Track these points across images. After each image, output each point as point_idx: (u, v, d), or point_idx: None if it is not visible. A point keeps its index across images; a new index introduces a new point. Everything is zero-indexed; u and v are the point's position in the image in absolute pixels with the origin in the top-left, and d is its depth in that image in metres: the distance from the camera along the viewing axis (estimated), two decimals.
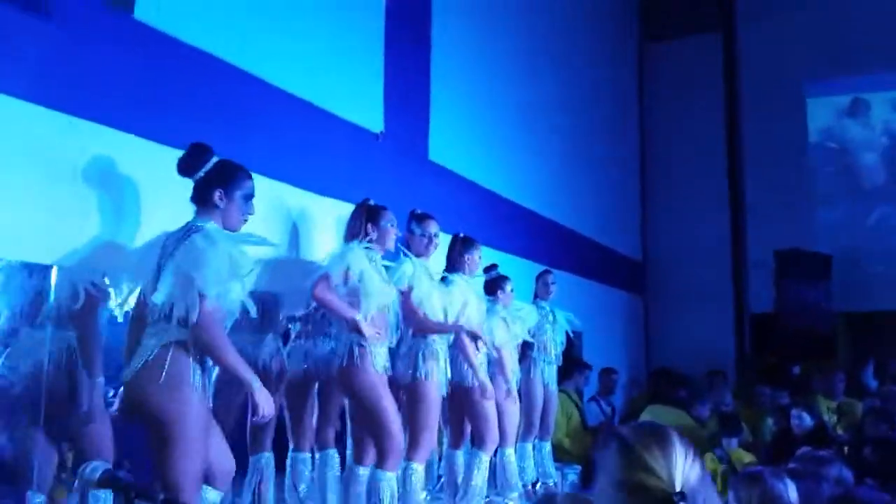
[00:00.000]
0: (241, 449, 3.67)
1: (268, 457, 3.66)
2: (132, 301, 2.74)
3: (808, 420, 5.12)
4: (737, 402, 7.05)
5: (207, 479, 2.50)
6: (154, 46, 3.26)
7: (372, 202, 3.59)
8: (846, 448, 4.59)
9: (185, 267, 2.42)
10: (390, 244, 3.55)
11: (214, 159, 2.67)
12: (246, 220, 2.71)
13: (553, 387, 5.22)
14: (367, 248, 3.41)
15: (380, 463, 3.33)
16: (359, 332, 3.22)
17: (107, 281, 2.85)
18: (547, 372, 5.14)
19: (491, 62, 6.42)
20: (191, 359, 2.43)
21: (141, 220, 3.03)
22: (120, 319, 2.84)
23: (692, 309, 9.48)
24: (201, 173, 2.63)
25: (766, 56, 9.82)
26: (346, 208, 3.77)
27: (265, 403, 2.48)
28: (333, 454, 3.82)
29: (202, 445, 2.40)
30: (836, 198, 9.80)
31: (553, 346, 5.16)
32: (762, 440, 5.94)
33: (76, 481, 2.69)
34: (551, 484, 5.08)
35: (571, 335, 5.41)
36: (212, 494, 2.55)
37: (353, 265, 3.29)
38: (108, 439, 2.94)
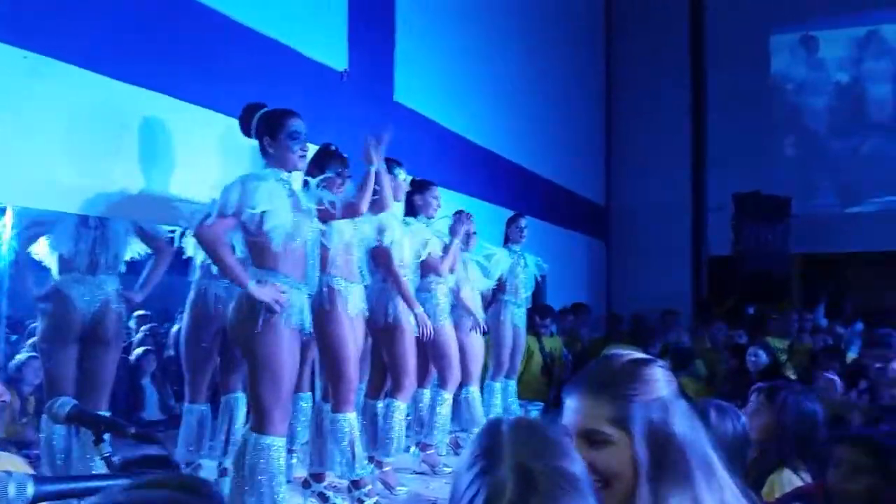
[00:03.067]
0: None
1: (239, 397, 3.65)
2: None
3: (763, 358, 5.30)
4: (694, 341, 7.25)
5: None
6: None
7: (332, 147, 3.51)
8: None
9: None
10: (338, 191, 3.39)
11: (259, 113, 2.93)
12: (301, 157, 2.94)
13: (522, 328, 5.32)
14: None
15: (335, 405, 3.36)
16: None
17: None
18: (517, 314, 5.22)
19: (457, 3, 6.28)
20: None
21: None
22: None
23: (653, 253, 9.66)
24: (253, 129, 2.94)
25: (731, 3, 9.81)
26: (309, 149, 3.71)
27: (268, 296, 2.74)
28: (307, 397, 3.84)
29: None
30: (796, 140, 9.96)
31: (523, 289, 5.22)
32: (719, 377, 6.14)
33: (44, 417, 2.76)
34: None
35: (539, 279, 5.47)
36: None
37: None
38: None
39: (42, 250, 3.20)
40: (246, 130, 3.03)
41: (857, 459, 1.99)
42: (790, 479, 2.41)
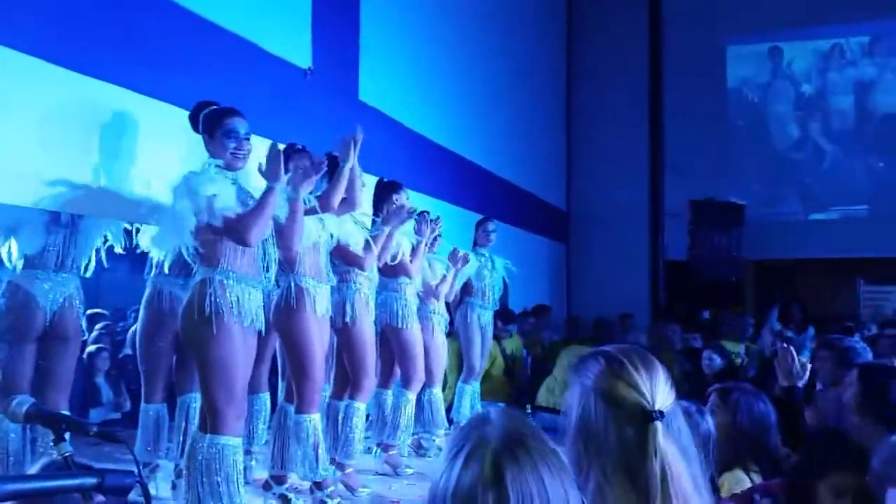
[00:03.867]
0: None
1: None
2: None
3: (718, 361, 5.42)
4: (651, 343, 7.36)
5: None
6: None
7: (300, 146, 3.49)
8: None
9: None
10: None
11: (205, 111, 2.92)
12: (238, 155, 2.90)
13: (489, 330, 5.34)
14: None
15: (299, 406, 3.33)
16: None
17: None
18: (484, 317, 5.24)
19: (422, 4, 6.29)
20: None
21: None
22: None
23: (611, 257, 9.81)
24: (199, 126, 2.95)
25: (690, 11, 10.02)
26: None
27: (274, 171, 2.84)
28: (265, 397, 3.79)
29: None
30: (755, 148, 10.20)
31: (491, 292, 5.25)
32: (676, 379, 6.25)
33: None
34: None
35: (507, 282, 5.51)
36: None
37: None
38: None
39: (10, 245, 3.11)
40: (195, 127, 3.03)
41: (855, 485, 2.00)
42: (740, 479, 2.46)
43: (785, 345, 3.14)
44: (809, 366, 3.05)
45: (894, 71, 9.88)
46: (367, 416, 4.48)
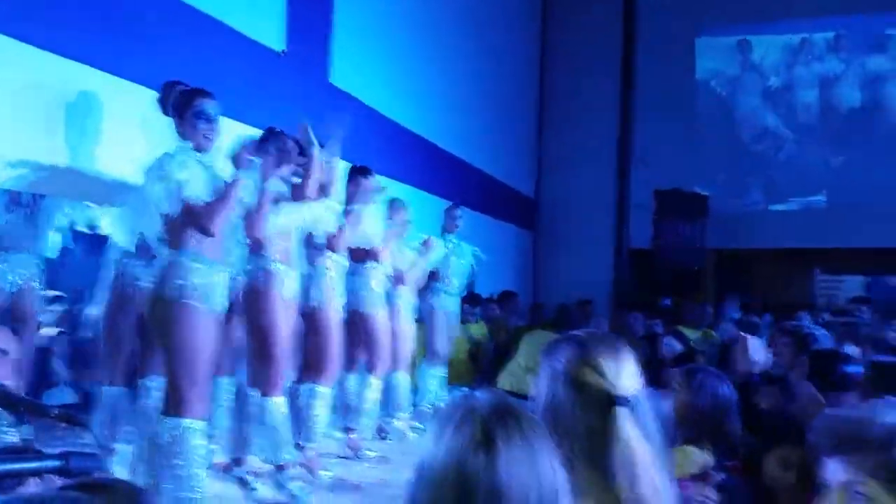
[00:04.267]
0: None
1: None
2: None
3: (677, 346, 5.54)
4: (612, 330, 7.47)
5: None
6: None
7: (278, 129, 3.46)
8: None
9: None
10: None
11: (176, 91, 2.88)
12: (208, 137, 2.85)
13: (455, 317, 5.39)
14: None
15: (263, 389, 3.34)
16: None
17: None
18: (449, 302, 5.27)
19: None
20: None
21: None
22: None
23: (577, 245, 9.92)
24: (168, 107, 2.88)
25: (663, 2, 10.10)
26: (242, 129, 3.66)
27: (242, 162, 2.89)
28: (228, 381, 3.77)
29: None
30: (722, 140, 10.35)
31: (457, 278, 5.29)
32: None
33: None
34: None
35: (475, 268, 5.55)
36: None
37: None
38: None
39: None
40: (163, 107, 2.98)
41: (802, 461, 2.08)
42: (693, 453, 2.53)
43: (742, 333, 3.24)
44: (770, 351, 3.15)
45: (858, 67, 10.10)
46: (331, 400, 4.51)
